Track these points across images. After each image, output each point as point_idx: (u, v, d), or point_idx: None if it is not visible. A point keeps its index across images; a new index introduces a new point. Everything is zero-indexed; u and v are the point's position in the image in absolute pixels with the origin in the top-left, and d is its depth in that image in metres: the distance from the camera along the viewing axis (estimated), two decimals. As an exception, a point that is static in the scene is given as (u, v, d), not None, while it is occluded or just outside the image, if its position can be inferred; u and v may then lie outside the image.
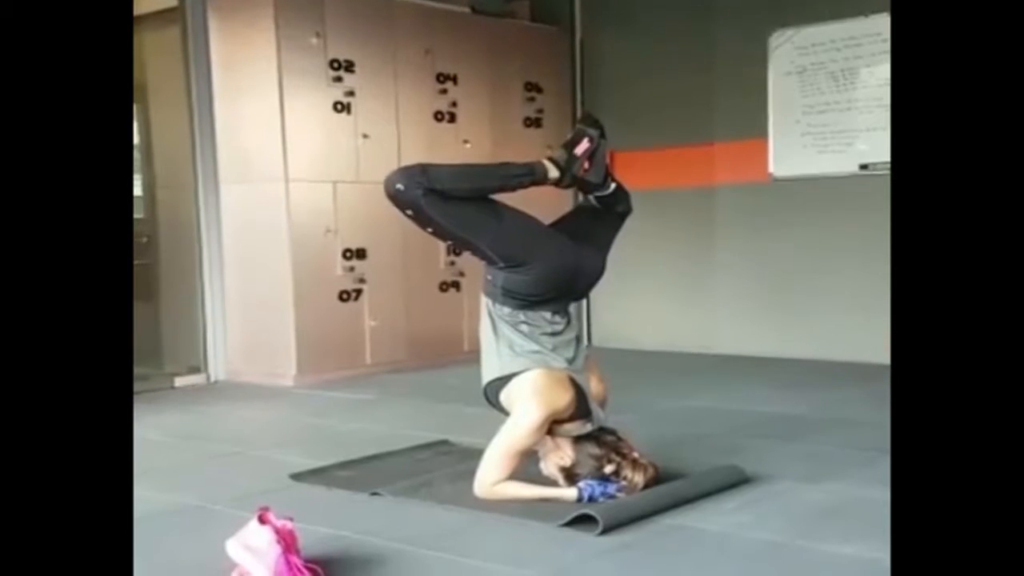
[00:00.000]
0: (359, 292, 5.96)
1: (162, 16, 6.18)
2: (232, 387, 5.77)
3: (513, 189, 3.36)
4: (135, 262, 6.21)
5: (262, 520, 2.58)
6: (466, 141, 6.62)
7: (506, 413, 3.31)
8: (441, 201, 3.17)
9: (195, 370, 5.88)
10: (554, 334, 3.34)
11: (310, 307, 5.77)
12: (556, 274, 3.31)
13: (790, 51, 6.44)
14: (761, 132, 6.54)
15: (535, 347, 3.29)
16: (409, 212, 3.20)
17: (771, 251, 6.61)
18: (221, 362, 5.91)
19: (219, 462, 3.96)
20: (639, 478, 3.20)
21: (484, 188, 3.31)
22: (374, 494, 3.37)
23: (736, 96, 6.66)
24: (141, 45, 6.69)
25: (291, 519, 2.71)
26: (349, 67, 6.01)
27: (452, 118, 6.57)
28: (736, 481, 3.40)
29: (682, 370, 6.20)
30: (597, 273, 3.48)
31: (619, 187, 3.55)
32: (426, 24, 6.47)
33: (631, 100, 7.09)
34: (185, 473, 3.79)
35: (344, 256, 5.90)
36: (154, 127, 6.53)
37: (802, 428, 4.33)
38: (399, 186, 3.15)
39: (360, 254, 5.94)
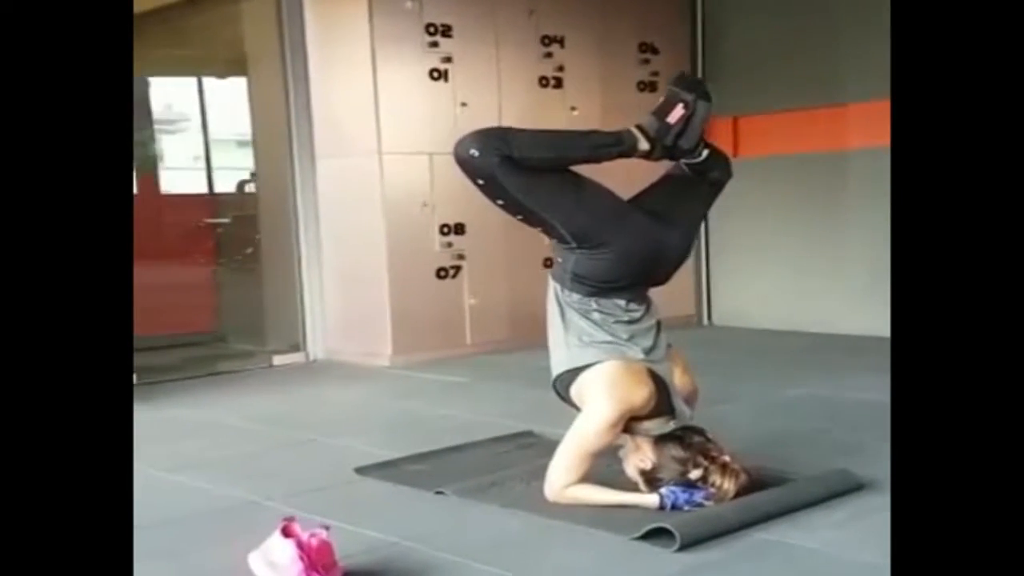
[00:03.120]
0: (458, 269, 5.70)
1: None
2: (329, 366, 5.59)
3: (599, 160, 3.02)
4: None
5: (286, 533, 2.33)
6: (574, 108, 6.26)
7: (578, 409, 2.99)
8: (518, 171, 2.85)
9: (295, 348, 5.72)
10: (631, 322, 2.99)
11: (406, 285, 5.54)
12: (633, 259, 2.96)
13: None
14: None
15: (607, 337, 2.94)
16: (480, 181, 2.89)
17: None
18: (320, 340, 5.75)
19: (289, 451, 3.75)
20: (729, 485, 2.83)
21: (568, 158, 2.98)
22: (438, 493, 3.10)
23: (874, 53, 6.09)
24: (240, 17, 6.59)
25: (327, 528, 2.46)
26: (446, 31, 5.73)
27: (558, 83, 6.22)
28: (846, 489, 2.98)
29: (805, 353, 5.73)
30: (680, 257, 3.10)
31: (713, 152, 3.15)
32: (529, -18, 6.12)
33: (756, 60, 6.58)
34: (249, 463, 3.60)
35: (441, 232, 5.64)
36: (255, 101, 6.40)
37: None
38: (473, 151, 2.83)
39: (459, 229, 5.66)
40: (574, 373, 2.97)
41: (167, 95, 7.67)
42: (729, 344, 6.20)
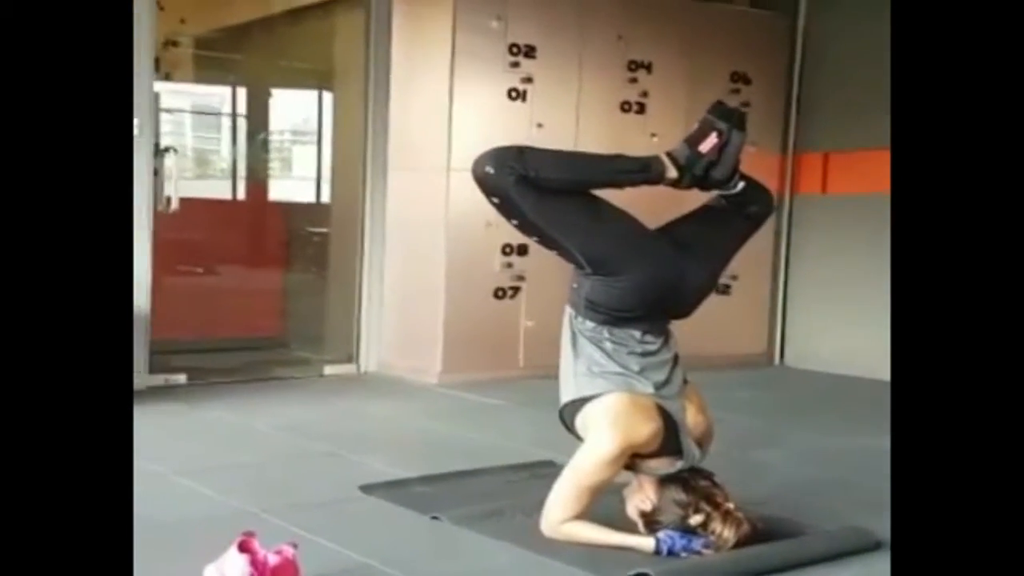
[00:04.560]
0: (516, 290, 5.60)
1: (353, 1, 6.09)
2: (378, 380, 5.55)
3: (622, 186, 2.92)
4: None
5: (242, 548, 2.27)
6: (654, 135, 6.10)
7: (583, 441, 2.86)
8: (534, 191, 2.77)
9: (349, 360, 5.70)
10: (644, 354, 2.85)
11: (462, 303, 5.46)
12: (649, 289, 2.83)
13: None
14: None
15: (618, 368, 2.81)
16: (495, 199, 2.81)
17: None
18: (374, 353, 5.71)
19: (304, 463, 3.71)
20: (729, 534, 2.67)
21: (587, 182, 2.89)
22: (434, 518, 3.00)
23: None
24: (331, 30, 6.65)
25: (295, 546, 2.39)
26: (529, 52, 5.66)
27: (641, 109, 6.09)
28: (859, 548, 2.79)
29: (872, 403, 5.42)
30: (701, 292, 2.95)
31: (751, 184, 3.00)
32: (621, 8, 6.03)
33: (852, 96, 6.34)
34: (260, 473, 3.57)
35: (503, 252, 5.55)
36: (339, 113, 6.44)
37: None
38: (488, 169, 2.77)
39: (521, 250, 5.56)
40: (580, 403, 2.85)
41: (280, 105, 7.81)
42: (795, 387, 5.96)
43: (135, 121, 4.78)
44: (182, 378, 5.06)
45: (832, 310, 6.37)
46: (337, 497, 3.23)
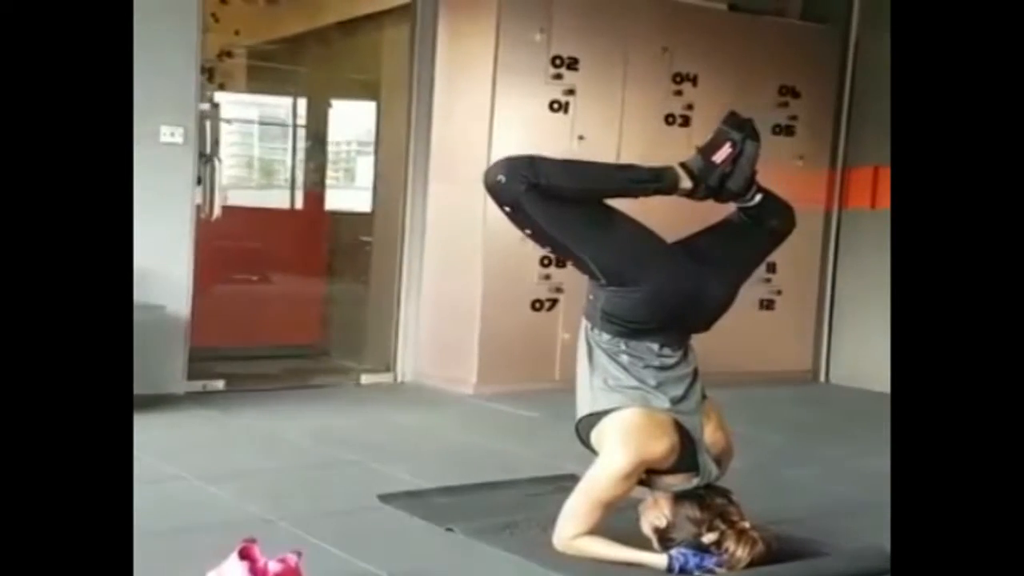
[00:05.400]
0: (554, 303, 5.57)
1: (400, 12, 6.12)
2: (414, 389, 5.55)
3: (635, 195, 2.90)
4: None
5: (242, 555, 2.27)
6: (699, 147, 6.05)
7: (598, 455, 2.82)
8: (545, 200, 2.76)
9: (386, 369, 5.72)
10: (662, 368, 2.81)
11: (499, 314, 5.44)
12: (666, 300, 2.79)
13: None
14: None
15: (634, 382, 2.78)
16: (507, 208, 2.81)
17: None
18: (411, 363, 5.71)
19: (326, 472, 3.71)
20: (743, 553, 2.62)
21: (598, 191, 2.87)
22: (448, 530, 2.99)
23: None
24: (379, 42, 6.70)
25: (299, 554, 2.39)
26: (572, 64, 5.64)
27: (686, 121, 6.03)
28: (878, 569, 2.71)
29: (919, 421, 5.34)
30: (720, 305, 2.90)
31: (768, 198, 2.95)
32: (667, 20, 5.98)
33: (903, 110, 6.22)
34: (282, 479, 3.58)
35: (541, 264, 5.52)
36: (384, 125, 6.47)
37: None
38: (500, 178, 2.77)
39: (559, 263, 5.52)
40: (596, 417, 2.82)
41: (328, 116, 7.89)
42: (838, 405, 5.85)
43: (179, 130, 4.86)
44: (220, 384, 5.11)
45: (880, 327, 6.21)
46: (355, 506, 3.23)
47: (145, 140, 4.45)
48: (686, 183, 2.84)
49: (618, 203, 2.90)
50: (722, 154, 2.83)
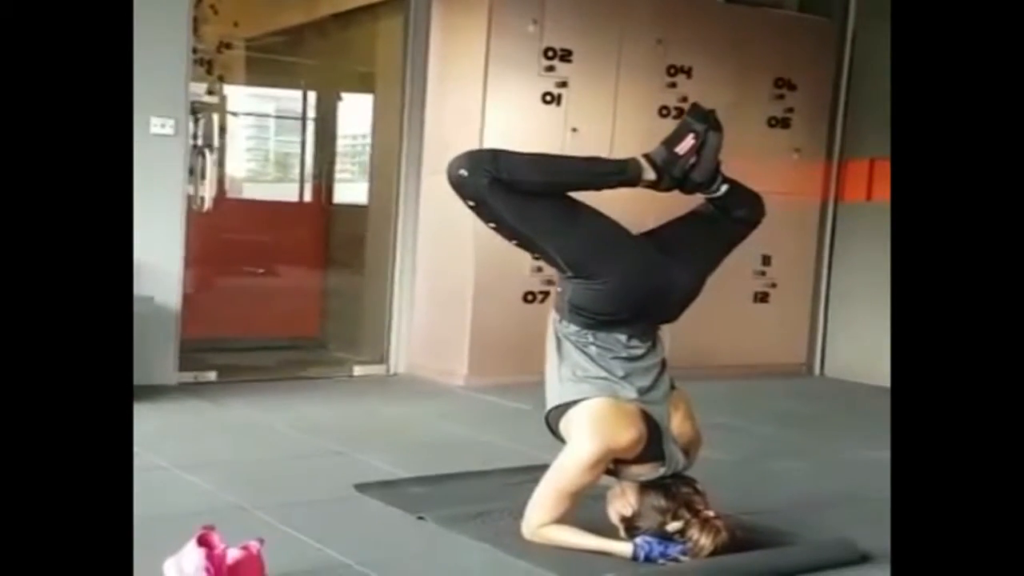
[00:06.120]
0: (546, 295, 5.57)
1: (394, 3, 6.13)
2: (406, 381, 5.58)
3: (598, 188, 2.90)
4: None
5: (200, 542, 2.29)
6: (694, 139, 6.05)
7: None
8: (508, 194, 2.77)
9: (380, 360, 5.74)
10: (629, 359, 2.82)
11: (490, 307, 5.46)
12: (633, 291, 2.80)
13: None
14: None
15: (602, 372, 2.80)
16: (471, 203, 2.82)
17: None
18: (404, 354, 5.74)
19: (308, 462, 3.74)
20: (707, 541, 2.63)
21: (562, 183, 2.88)
22: (420, 518, 3.01)
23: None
24: (375, 34, 6.71)
25: (261, 541, 2.41)
26: (565, 56, 5.64)
27: (680, 114, 5.98)
28: (844, 560, 2.73)
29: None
30: (687, 295, 2.91)
31: (736, 188, 2.96)
32: (661, 12, 5.98)
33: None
34: (262, 469, 3.61)
35: (534, 256, 5.53)
36: (378, 117, 6.49)
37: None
38: (463, 172, 2.78)
39: (550, 255, 5.56)
40: (565, 408, 2.83)
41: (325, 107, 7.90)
42: (831, 398, 5.84)
43: (170, 121, 4.89)
44: (212, 375, 5.14)
45: (875, 321, 6.22)
46: (331, 496, 3.25)
47: (135, 131, 4.46)
48: (650, 174, 2.84)
49: (585, 196, 2.91)
50: (685, 145, 2.84)
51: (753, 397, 5.57)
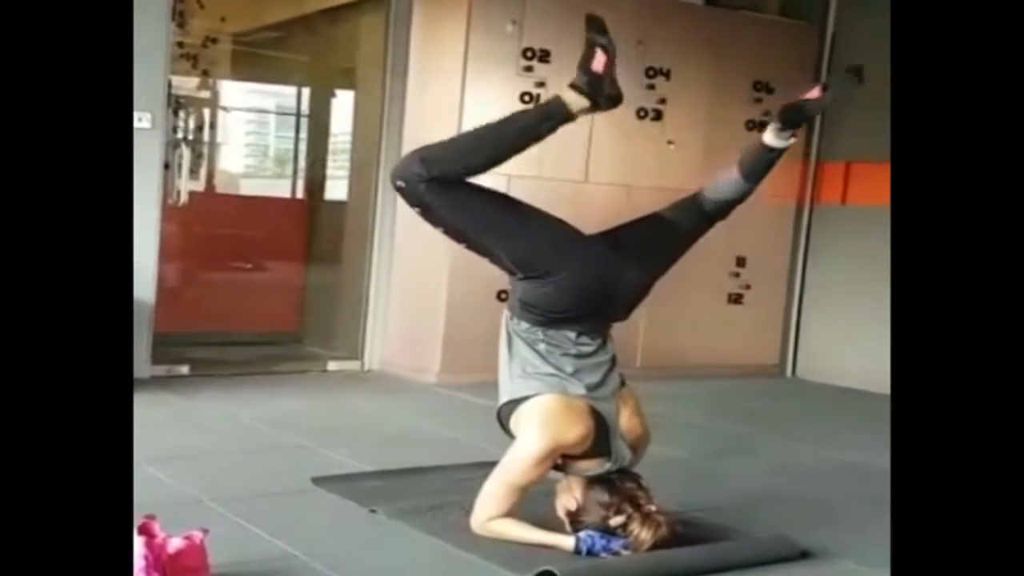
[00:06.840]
0: (519, 293, 5.63)
1: (376, 1, 6.17)
2: (379, 378, 5.62)
3: (540, 139, 2.89)
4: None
5: (140, 531, 2.33)
6: (671, 142, 6.11)
7: (517, 441, 2.89)
8: (447, 191, 2.78)
9: (354, 356, 5.78)
10: (579, 356, 2.87)
11: (464, 304, 5.50)
12: (582, 289, 2.84)
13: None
14: None
15: (551, 369, 2.84)
16: (417, 210, 2.86)
17: None
18: (378, 351, 5.78)
19: (271, 455, 3.78)
20: (646, 535, 2.68)
21: (500, 151, 2.85)
22: (371, 511, 3.05)
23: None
24: (356, 30, 6.75)
25: (205, 531, 2.45)
26: (544, 57, 5.68)
27: (658, 116, 6.07)
28: (783, 556, 2.77)
29: (877, 419, 5.34)
30: (637, 294, 2.94)
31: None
32: (640, 13, 6.00)
33: (881, 104, 6.22)
34: (224, 462, 3.64)
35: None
36: (359, 113, 6.53)
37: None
38: (400, 183, 2.82)
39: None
40: (515, 404, 2.88)
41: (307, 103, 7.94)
42: (800, 399, 5.89)
43: (147, 115, 4.92)
44: (184, 369, 5.18)
45: (848, 324, 6.28)
46: (288, 489, 3.29)
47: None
48: (583, 102, 2.83)
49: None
50: (599, 62, 2.84)
51: (723, 397, 5.61)
